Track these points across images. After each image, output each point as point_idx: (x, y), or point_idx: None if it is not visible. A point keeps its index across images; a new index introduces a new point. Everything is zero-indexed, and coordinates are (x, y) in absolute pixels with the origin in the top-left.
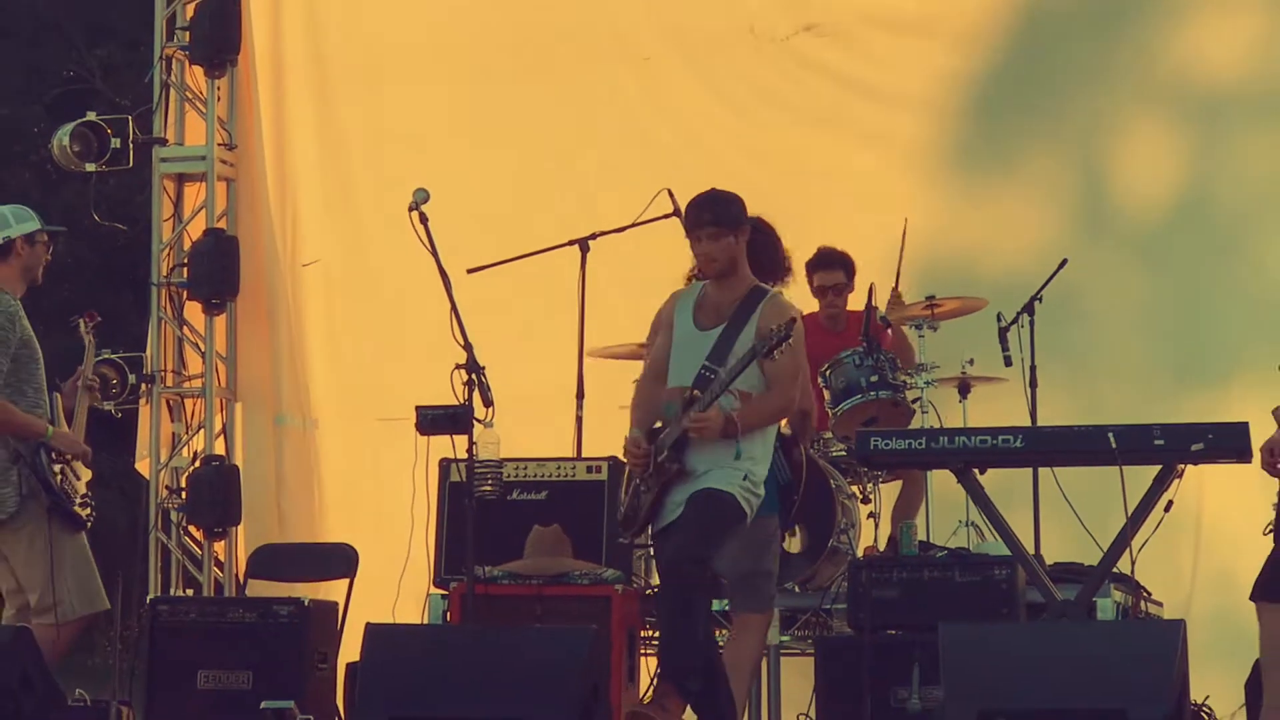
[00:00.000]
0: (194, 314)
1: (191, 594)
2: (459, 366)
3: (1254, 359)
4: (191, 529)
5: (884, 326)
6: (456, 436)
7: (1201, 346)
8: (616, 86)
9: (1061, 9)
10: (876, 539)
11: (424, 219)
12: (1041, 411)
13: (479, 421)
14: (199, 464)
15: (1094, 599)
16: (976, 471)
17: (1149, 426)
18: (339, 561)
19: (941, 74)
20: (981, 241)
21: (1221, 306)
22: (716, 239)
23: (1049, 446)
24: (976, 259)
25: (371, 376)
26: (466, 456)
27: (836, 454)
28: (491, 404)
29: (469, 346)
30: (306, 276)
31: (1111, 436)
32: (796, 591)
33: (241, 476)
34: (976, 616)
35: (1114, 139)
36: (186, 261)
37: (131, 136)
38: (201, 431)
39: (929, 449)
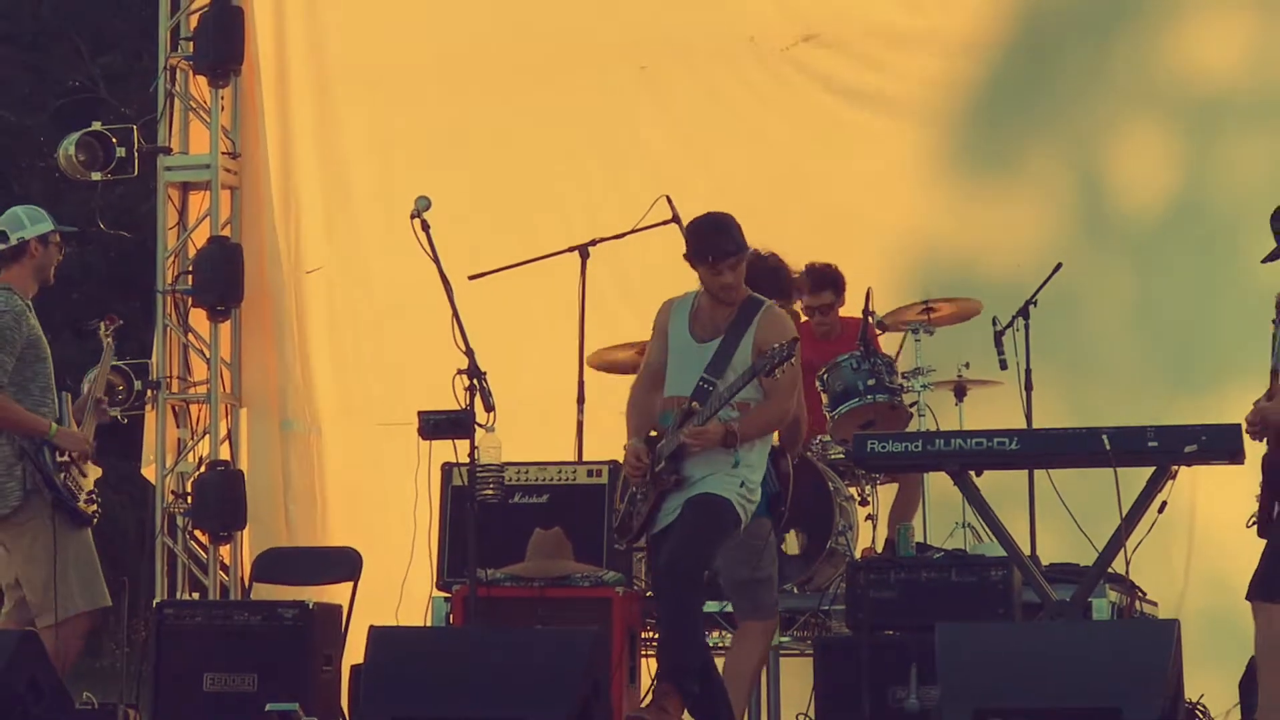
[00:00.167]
0: (199, 321)
1: (197, 597)
2: (461, 372)
3: (1247, 361)
4: (197, 533)
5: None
6: (458, 441)
7: (1195, 349)
8: (617, 95)
9: (1057, 15)
10: (874, 541)
11: (425, 226)
12: (1036, 414)
13: (480, 426)
14: (204, 469)
15: (1089, 599)
16: (973, 474)
17: (1143, 429)
18: (343, 565)
19: (939, 81)
20: (978, 245)
21: (1215, 309)
22: (736, 267)
23: (1044, 449)
24: (973, 262)
25: (374, 382)
26: (468, 461)
27: (834, 457)
28: (493, 409)
29: (470, 352)
30: (310, 283)
31: (1106, 438)
32: (795, 593)
33: (246, 481)
34: (973, 617)
35: (1109, 144)
36: (191, 269)
37: (136, 145)
38: (207, 437)
39: (925, 452)
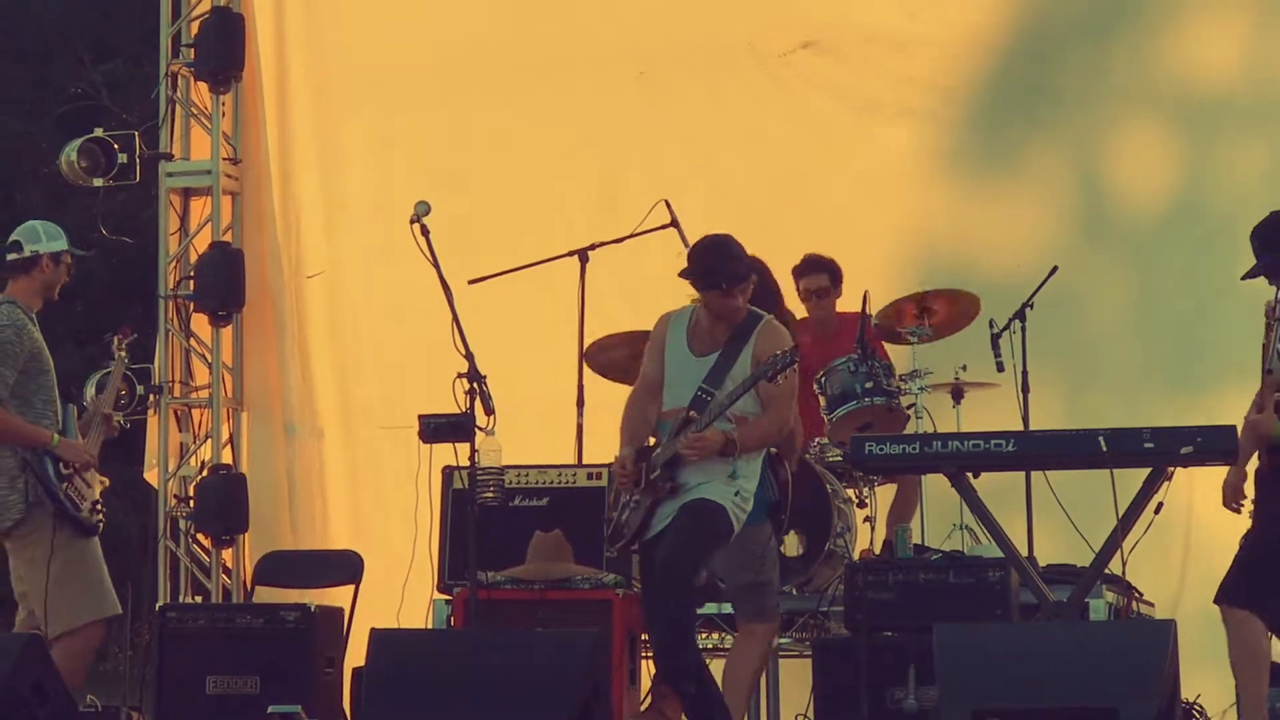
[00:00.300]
0: (200, 326)
1: (200, 601)
2: (461, 375)
3: (1244, 363)
4: (199, 537)
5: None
6: (459, 444)
7: (1194, 350)
8: (617, 96)
9: (1056, 17)
10: (872, 542)
11: (425, 231)
12: (1033, 416)
13: (481, 429)
14: (206, 473)
15: (1086, 600)
16: (970, 476)
17: (1139, 430)
18: (344, 568)
19: (938, 85)
20: (978, 246)
21: (1214, 310)
22: (746, 290)
23: (1041, 450)
24: (972, 264)
25: (375, 385)
26: (469, 464)
27: (832, 459)
28: (493, 412)
29: (470, 356)
30: (310, 287)
31: (1102, 440)
32: (794, 594)
33: (248, 485)
34: (971, 618)
35: (1109, 144)
36: (193, 274)
37: (138, 152)
38: (209, 441)
39: (923, 454)
